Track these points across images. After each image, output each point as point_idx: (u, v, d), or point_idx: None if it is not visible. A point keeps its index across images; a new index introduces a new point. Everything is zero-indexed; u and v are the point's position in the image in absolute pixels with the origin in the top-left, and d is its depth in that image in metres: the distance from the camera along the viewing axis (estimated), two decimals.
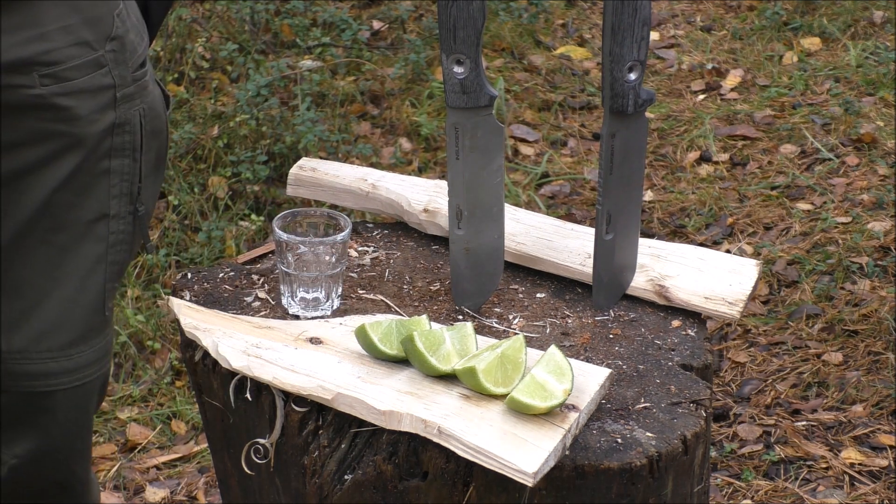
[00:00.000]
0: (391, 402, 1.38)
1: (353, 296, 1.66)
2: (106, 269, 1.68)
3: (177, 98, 4.03)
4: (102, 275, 1.68)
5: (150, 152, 1.69)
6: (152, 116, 1.68)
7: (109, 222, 1.67)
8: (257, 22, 4.53)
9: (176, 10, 4.45)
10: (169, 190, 3.65)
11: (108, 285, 1.69)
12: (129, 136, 1.64)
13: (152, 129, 1.69)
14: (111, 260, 1.68)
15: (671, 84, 4.64)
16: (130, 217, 1.69)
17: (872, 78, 4.47)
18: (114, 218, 1.67)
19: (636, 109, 1.54)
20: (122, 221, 1.68)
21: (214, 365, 1.52)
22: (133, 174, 1.67)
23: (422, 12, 4.93)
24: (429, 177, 3.24)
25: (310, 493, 1.46)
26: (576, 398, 1.39)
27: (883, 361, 2.98)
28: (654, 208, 3.77)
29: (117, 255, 1.69)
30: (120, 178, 1.66)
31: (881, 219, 3.51)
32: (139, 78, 1.65)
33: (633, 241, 1.66)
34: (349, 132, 4.02)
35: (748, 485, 2.63)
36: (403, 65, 4.36)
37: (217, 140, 3.79)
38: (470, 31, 1.50)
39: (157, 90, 1.72)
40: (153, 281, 3.35)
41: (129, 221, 1.69)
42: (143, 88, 1.66)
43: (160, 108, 1.71)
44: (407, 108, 4.23)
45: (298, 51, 4.46)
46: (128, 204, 1.68)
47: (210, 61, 4.35)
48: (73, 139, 1.59)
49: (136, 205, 1.69)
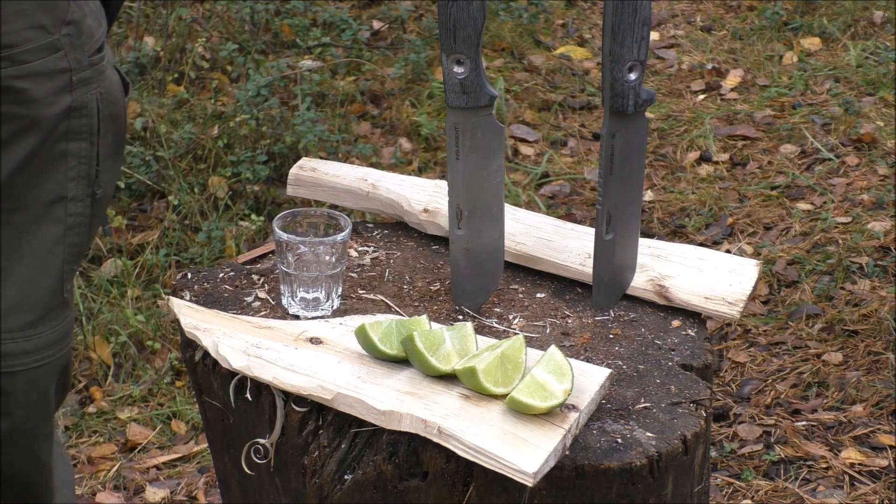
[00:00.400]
0: (391, 402, 1.38)
1: (353, 296, 1.66)
2: (64, 251, 1.70)
3: (177, 98, 4.03)
4: (61, 256, 1.70)
5: (108, 136, 1.72)
6: (110, 101, 1.70)
7: (67, 205, 1.69)
8: (257, 22, 4.53)
9: (176, 10, 4.46)
10: (169, 190, 3.65)
11: (66, 267, 1.71)
12: (87, 119, 1.67)
13: (110, 114, 1.71)
14: (69, 242, 1.71)
15: (671, 84, 4.64)
16: (89, 200, 1.71)
17: (872, 78, 4.47)
18: (72, 200, 1.69)
19: (636, 109, 1.54)
20: (80, 204, 1.70)
21: (214, 365, 1.52)
22: (91, 157, 1.69)
23: (422, 12, 4.93)
24: (429, 177, 3.24)
25: (310, 493, 1.46)
26: (576, 398, 1.39)
27: (883, 361, 2.98)
28: (654, 208, 3.77)
29: (76, 238, 1.72)
30: (77, 160, 1.68)
31: (881, 219, 3.51)
32: (96, 62, 1.67)
33: (633, 241, 1.66)
34: (349, 132, 4.02)
35: (748, 485, 2.63)
36: (403, 65, 4.36)
37: (217, 140, 3.79)
38: (470, 31, 1.50)
39: (116, 75, 1.74)
40: (153, 281, 3.35)
41: (87, 204, 1.71)
42: (101, 73, 1.68)
43: (118, 93, 1.73)
44: (407, 108, 4.23)
45: (298, 51, 4.46)
46: (86, 187, 1.70)
47: (210, 61, 4.35)
48: (30, 121, 1.61)
49: (95, 188, 1.71)
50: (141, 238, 3.50)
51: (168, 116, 3.89)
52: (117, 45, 4.38)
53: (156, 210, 3.66)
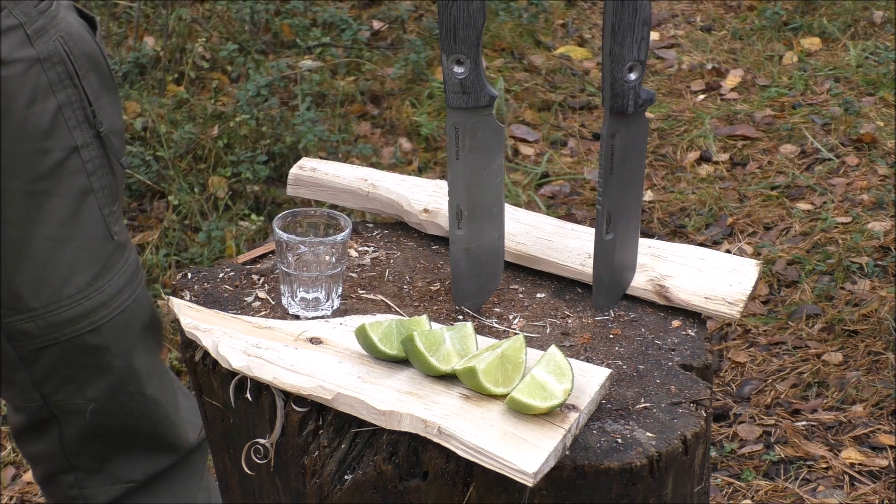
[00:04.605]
0: (391, 402, 1.38)
1: (353, 296, 1.66)
2: (97, 197, 1.72)
3: (177, 98, 4.03)
4: (96, 203, 1.72)
5: (89, 75, 1.73)
6: (75, 41, 1.72)
7: (81, 153, 1.72)
8: (257, 22, 4.53)
9: (176, 10, 4.46)
10: (169, 190, 3.65)
11: (105, 211, 1.74)
12: (61, 66, 1.69)
13: (81, 53, 1.72)
14: (98, 186, 1.73)
15: (671, 84, 4.65)
16: (97, 141, 1.73)
17: (872, 78, 4.48)
18: (83, 147, 1.72)
19: (636, 109, 1.54)
20: (90, 148, 1.73)
21: (214, 365, 1.52)
22: (81, 100, 1.72)
23: (422, 12, 4.93)
24: (429, 177, 3.24)
25: (310, 493, 1.46)
26: (576, 398, 1.39)
27: (883, 361, 2.98)
28: (654, 208, 3.77)
29: (102, 180, 1.74)
30: (71, 109, 1.70)
31: (881, 219, 3.51)
32: (44, 10, 1.68)
33: (633, 241, 1.66)
34: (349, 132, 4.02)
35: (748, 485, 2.63)
36: (403, 65, 4.36)
37: (217, 140, 3.79)
38: (470, 31, 1.50)
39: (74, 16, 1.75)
40: (153, 281, 3.35)
41: (97, 146, 1.74)
42: (53, 19, 1.69)
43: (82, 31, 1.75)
44: (407, 108, 4.23)
45: (298, 51, 4.47)
46: (88, 129, 1.71)
47: (210, 61, 4.35)
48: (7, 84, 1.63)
49: (98, 128, 1.72)
50: (141, 238, 3.50)
51: (168, 116, 3.89)
52: (117, 45, 4.38)
53: (156, 210, 3.66)
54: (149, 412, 1.85)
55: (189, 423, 1.93)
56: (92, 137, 1.72)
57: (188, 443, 1.92)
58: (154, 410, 1.86)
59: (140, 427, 1.85)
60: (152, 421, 1.86)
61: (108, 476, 1.86)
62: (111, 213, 1.75)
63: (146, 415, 1.85)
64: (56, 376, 1.76)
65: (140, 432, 1.85)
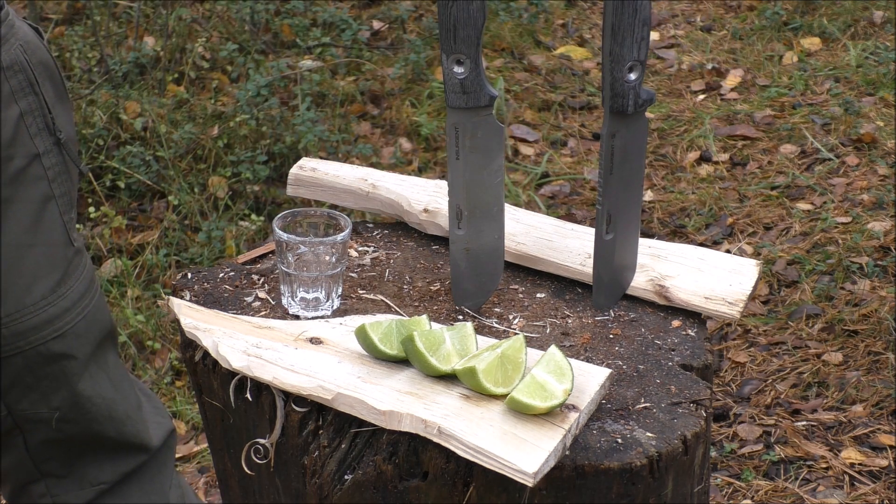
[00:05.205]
0: (391, 402, 1.38)
1: (353, 296, 1.66)
2: (58, 203, 1.73)
3: (177, 98, 4.03)
4: (56, 209, 1.73)
5: (46, 82, 1.74)
6: (32, 49, 1.73)
7: (42, 160, 1.72)
8: (257, 22, 4.53)
9: (176, 10, 4.46)
10: (169, 190, 3.65)
11: (65, 217, 1.75)
12: (22, 74, 1.69)
13: (38, 61, 1.73)
14: (58, 193, 1.75)
15: (671, 84, 4.65)
16: (56, 148, 1.75)
17: (872, 78, 4.48)
18: (44, 154, 1.73)
19: (636, 109, 1.54)
20: (51, 154, 1.74)
21: (214, 365, 1.52)
22: (41, 107, 1.72)
23: (422, 12, 4.93)
24: (429, 177, 3.24)
25: (310, 493, 1.46)
26: (576, 398, 1.39)
27: (883, 361, 2.98)
28: (654, 208, 3.77)
29: (61, 187, 1.76)
30: (32, 116, 1.71)
31: (881, 219, 3.51)
32: (3, 18, 1.69)
33: (633, 241, 1.66)
34: (349, 132, 4.02)
35: (748, 485, 2.63)
36: (403, 65, 4.36)
37: (217, 140, 3.79)
38: (470, 31, 1.50)
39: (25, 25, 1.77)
40: (153, 281, 3.35)
41: (57, 152, 1.75)
42: (11, 27, 1.70)
43: (36, 40, 1.77)
44: (407, 108, 4.23)
45: (298, 51, 4.47)
46: (49, 136, 1.73)
47: (210, 61, 4.35)
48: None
49: (57, 134, 1.74)
50: (141, 238, 3.50)
51: (168, 116, 3.89)
52: (117, 45, 4.38)
53: (156, 210, 3.66)
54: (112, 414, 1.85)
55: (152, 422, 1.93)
56: (52, 144, 1.73)
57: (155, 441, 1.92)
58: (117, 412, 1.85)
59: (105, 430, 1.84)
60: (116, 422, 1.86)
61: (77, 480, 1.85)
62: (70, 219, 1.76)
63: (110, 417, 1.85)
64: (19, 385, 1.74)
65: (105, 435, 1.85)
